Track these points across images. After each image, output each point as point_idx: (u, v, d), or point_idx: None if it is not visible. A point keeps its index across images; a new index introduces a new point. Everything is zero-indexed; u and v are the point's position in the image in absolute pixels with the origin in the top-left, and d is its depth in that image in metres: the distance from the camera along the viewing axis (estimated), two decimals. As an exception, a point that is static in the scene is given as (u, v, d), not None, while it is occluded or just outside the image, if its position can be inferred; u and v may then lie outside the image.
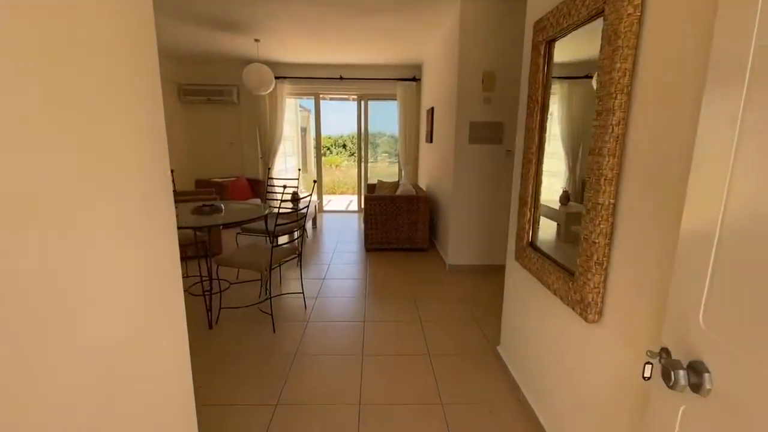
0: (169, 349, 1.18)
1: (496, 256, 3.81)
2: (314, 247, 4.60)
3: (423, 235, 4.36)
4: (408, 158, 6.33)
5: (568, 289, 1.37)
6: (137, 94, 1.02)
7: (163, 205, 1.12)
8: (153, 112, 1.12)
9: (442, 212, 4.20)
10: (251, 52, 5.22)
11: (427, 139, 5.29)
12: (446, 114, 3.99)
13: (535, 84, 1.70)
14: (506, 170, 3.65)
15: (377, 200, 4.26)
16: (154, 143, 1.10)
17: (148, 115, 1.10)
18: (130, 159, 0.96)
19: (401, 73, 6.17)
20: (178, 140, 6.17)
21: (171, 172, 3.14)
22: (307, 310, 2.87)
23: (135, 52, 1.01)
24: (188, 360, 1.29)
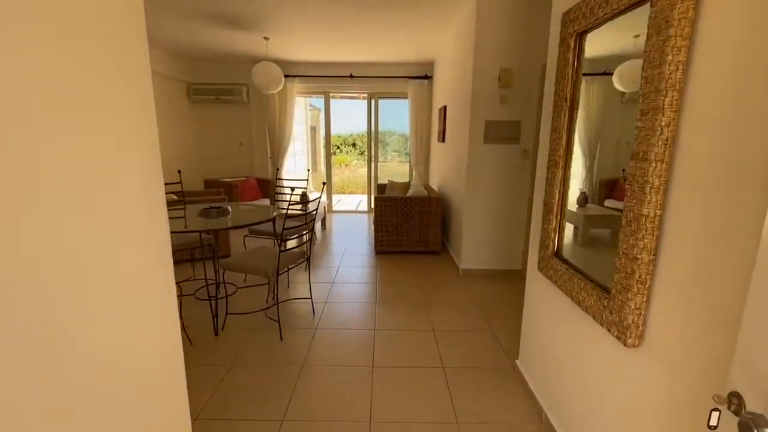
0: (162, 365, 1.08)
1: (512, 261, 3.66)
2: (323, 249, 4.51)
3: (435, 238, 4.23)
4: (419, 158, 6.20)
5: (603, 308, 1.24)
6: (130, 101, 0.94)
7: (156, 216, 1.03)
8: (145, 118, 1.04)
9: (455, 214, 4.07)
10: (260, 50, 5.14)
11: (439, 138, 5.15)
12: (460, 113, 3.85)
13: (563, 80, 1.56)
14: (523, 171, 3.50)
15: (388, 201, 4.14)
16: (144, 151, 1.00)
17: (140, 121, 1.01)
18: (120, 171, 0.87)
19: (413, 71, 6.03)
20: (188, 140, 6.13)
21: (178, 173, 3.06)
22: (315, 316, 2.77)
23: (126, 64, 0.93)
24: (183, 379, 1.18)
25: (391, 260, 4.09)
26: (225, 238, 4.01)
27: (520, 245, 3.63)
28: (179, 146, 5.88)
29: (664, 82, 0.98)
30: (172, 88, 5.68)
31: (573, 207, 1.60)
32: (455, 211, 4.07)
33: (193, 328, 2.55)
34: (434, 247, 4.25)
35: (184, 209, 3.16)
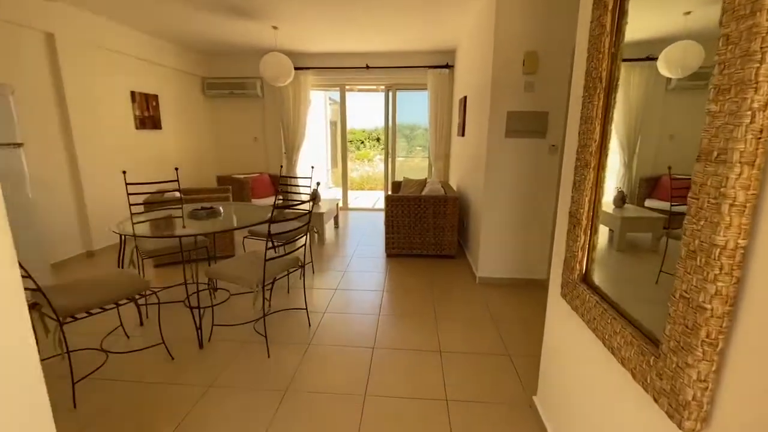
0: None
1: (535, 270, 3.27)
2: (332, 250, 4.27)
3: (450, 241, 3.88)
4: (438, 153, 5.83)
5: (648, 367, 0.89)
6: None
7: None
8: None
9: (473, 216, 3.70)
10: (271, 41, 4.93)
11: (458, 132, 4.76)
12: (479, 103, 3.47)
13: (597, 54, 1.19)
14: (550, 168, 3.09)
15: (399, 201, 3.83)
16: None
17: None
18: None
19: (432, 60, 5.64)
20: (203, 135, 6.06)
21: (175, 170, 2.88)
22: (310, 329, 2.52)
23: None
24: None
25: (402, 264, 3.79)
26: (229, 238, 3.85)
27: (545, 252, 3.22)
28: (195, 142, 5.80)
29: (759, 40, 0.62)
30: (187, 83, 5.59)
31: (608, 208, 1.25)
32: (473, 213, 3.70)
33: (178, 340, 2.37)
34: (449, 251, 3.90)
35: (181, 208, 2.99)
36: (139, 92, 4.61)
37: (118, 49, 4.21)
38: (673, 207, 0.96)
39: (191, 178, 5.72)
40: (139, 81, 4.62)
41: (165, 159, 5.12)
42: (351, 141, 15.95)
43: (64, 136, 3.66)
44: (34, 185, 3.32)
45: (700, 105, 0.75)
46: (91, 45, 3.88)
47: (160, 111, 4.98)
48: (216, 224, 2.47)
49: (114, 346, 2.30)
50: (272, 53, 4.27)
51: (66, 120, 3.65)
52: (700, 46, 0.89)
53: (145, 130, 4.74)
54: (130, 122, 4.51)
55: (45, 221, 3.43)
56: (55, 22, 3.48)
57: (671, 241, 0.99)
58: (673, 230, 0.98)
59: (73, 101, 3.67)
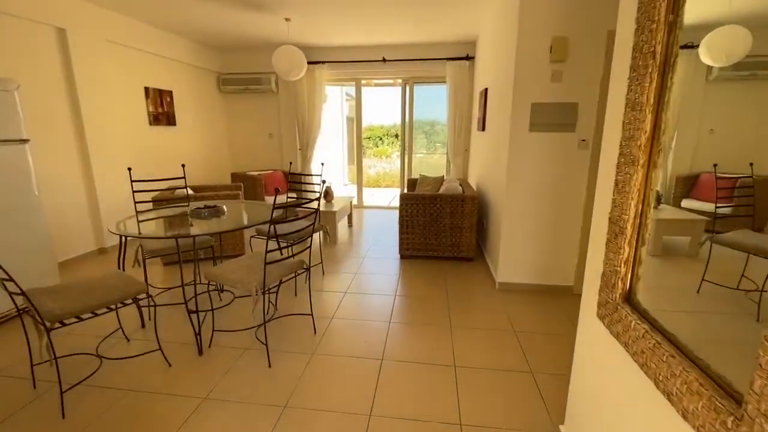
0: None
1: (562, 275, 3.01)
2: (344, 250, 4.11)
3: (468, 243, 3.65)
4: (457, 150, 5.58)
5: (724, 430, 0.67)
6: None
7: None
8: None
9: (494, 216, 3.46)
10: (285, 34, 4.80)
11: (479, 126, 4.51)
12: (501, 95, 3.22)
13: (649, 24, 0.96)
14: (580, 165, 2.82)
15: (414, 200, 3.63)
16: None
17: None
18: None
19: (452, 52, 5.39)
20: (218, 131, 6.02)
21: (182, 167, 2.78)
22: (316, 337, 2.37)
23: None
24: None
25: (416, 266, 3.59)
26: (238, 237, 3.75)
27: (573, 257, 2.96)
28: (209, 138, 5.77)
29: None
30: (202, 79, 5.55)
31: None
32: (494, 213, 3.46)
33: (178, 344, 2.26)
34: (467, 253, 3.68)
35: (188, 206, 2.89)
36: (153, 88, 4.57)
37: (131, 45, 4.17)
38: (719, 209, 0.88)
39: (205, 175, 5.69)
40: (153, 77, 4.58)
41: (179, 156, 5.09)
42: (369, 137, 15.78)
43: (76, 133, 3.64)
44: (43, 182, 3.30)
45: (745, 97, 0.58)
46: (104, 40, 3.84)
47: (174, 107, 4.94)
48: (215, 225, 2.35)
49: (111, 350, 2.21)
50: (284, 46, 4.13)
51: (78, 116, 3.62)
52: (749, 31, 0.79)
53: (159, 126, 4.71)
54: (143, 118, 4.48)
55: (55, 218, 3.41)
56: (66, 17, 3.45)
57: (716, 246, 0.88)
58: (718, 234, 0.88)
59: (85, 97, 3.65)
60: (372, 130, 15.77)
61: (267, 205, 2.98)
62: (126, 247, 2.41)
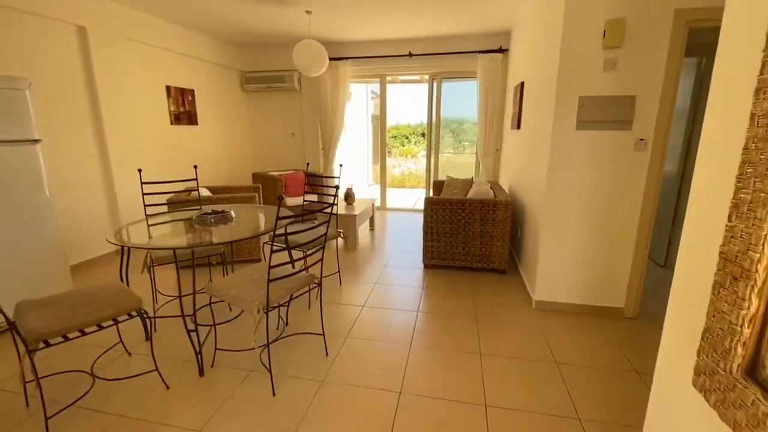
0: None
1: (611, 296, 2.62)
2: (364, 257, 3.85)
3: (501, 253, 3.30)
4: (488, 149, 5.20)
5: None
6: None
7: None
8: None
9: (530, 223, 3.10)
10: (306, 29, 4.60)
11: (512, 125, 4.13)
12: (541, 89, 2.85)
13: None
14: (635, 169, 2.42)
15: (440, 205, 3.32)
16: None
17: None
18: None
19: (483, 44, 5.01)
20: (241, 131, 5.94)
21: (194, 168, 2.61)
22: (327, 360, 2.12)
23: None
24: None
25: (442, 278, 3.29)
26: (254, 241, 3.58)
27: (624, 275, 2.56)
28: (232, 138, 5.68)
29: None
30: (225, 77, 5.46)
31: None
32: (530, 220, 3.10)
33: (180, 361, 2.08)
34: (499, 264, 3.33)
35: (200, 209, 2.73)
36: (175, 87, 4.50)
37: (151, 43, 4.10)
38: None
39: (228, 175, 5.60)
40: (175, 75, 4.50)
41: (201, 155, 5.01)
42: (395, 137, 15.51)
43: (95, 132, 3.58)
44: (61, 182, 3.26)
45: None
46: (124, 38, 3.77)
47: (196, 106, 4.87)
48: (221, 232, 2.14)
49: (109, 366, 2.06)
50: (304, 40, 3.92)
51: (98, 115, 3.56)
52: None
53: (180, 126, 4.64)
54: (165, 117, 4.41)
55: (72, 219, 3.36)
56: (86, 15, 3.38)
57: None
58: None
59: (105, 96, 3.58)
60: (398, 129, 15.49)
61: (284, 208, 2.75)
62: (129, 254, 2.26)
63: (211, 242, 1.99)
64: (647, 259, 2.56)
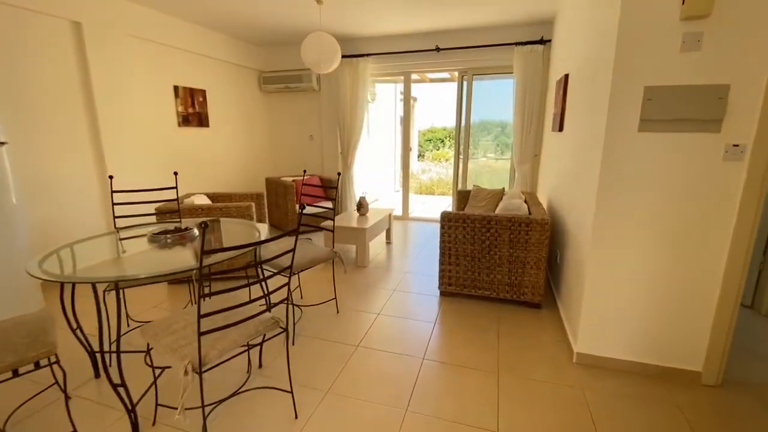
0: None
1: (681, 354, 1.95)
2: (372, 277, 3.37)
3: (534, 283, 2.69)
4: (524, 155, 4.54)
5: None
6: None
7: None
8: None
9: (573, 249, 2.47)
10: (319, 22, 4.21)
11: (554, 126, 3.48)
12: (593, 78, 2.23)
13: None
14: (724, 186, 1.75)
15: (459, 221, 2.76)
16: None
17: None
18: None
19: (521, 35, 4.39)
20: (259, 133, 5.69)
21: (174, 175, 2.21)
22: (294, 426, 1.66)
23: None
24: None
25: (460, 310, 2.73)
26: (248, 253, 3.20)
27: (704, 328, 1.89)
28: (246, 140, 5.43)
29: None
30: (241, 77, 5.21)
31: None
32: (573, 244, 2.47)
33: (120, 414, 1.70)
34: (532, 297, 2.72)
35: (179, 222, 2.38)
36: (184, 87, 4.27)
37: (157, 40, 3.88)
38: None
39: (242, 179, 5.35)
40: (184, 75, 4.28)
41: (212, 159, 4.77)
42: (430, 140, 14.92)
43: (91, 135, 3.37)
44: (48, 186, 3.05)
45: None
46: (125, 35, 3.56)
47: (208, 107, 4.63)
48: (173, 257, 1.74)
49: (26, 422, 1.71)
50: (313, 33, 3.52)
51: (93, 116, 3.36)
52: None
53: (189, 128, 4.41)
54: (171, 119, 4.19)
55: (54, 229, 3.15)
56: (83, 10, 3.18)
57: None
58: None
59: (101, 96, 3.37)
60: (434, 132, 14.90)
61: (257, 228, 2.32)
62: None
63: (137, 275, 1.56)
64: (737, 307, 1.87)
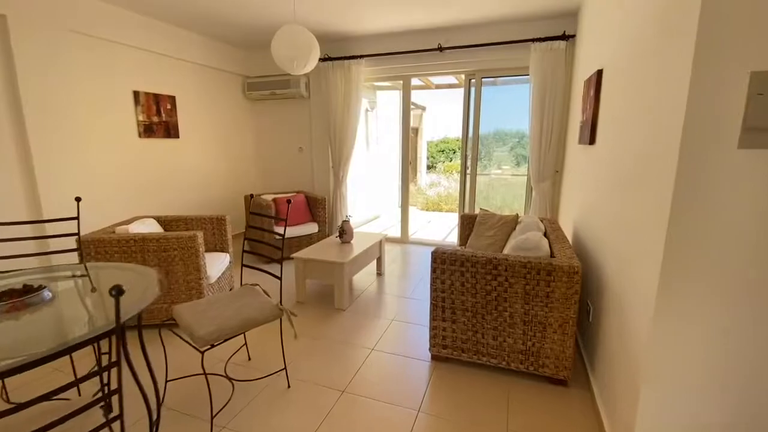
0: None
1: None
2: (350, 325, 2.67)
3: (559, 353, 1.95)
4: (544, 171, 3.82)
5: None
6: None
7: None
8: None
9: (616, 311, 1.72)
10: (303, 17, 3.62)
11: (582, 137, 2.76)
12: (645, 71, 1.52)
13: None
14: None
15: (456, 262, 2.06)
16: None
17: None
18: None
19: (539, 30, 3.71)
20: (242, 145, 5.13)
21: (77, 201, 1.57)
22: None
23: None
24: None
25: (456, 385, 2.01)
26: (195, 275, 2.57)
27: None
28: (229, 153, 4.87)
29: None
30: (224, 83, 4.69)
31: None
32: (616, 303, 1.73)
33: None
34: (556, 370, 1.97)
35: (86, 274, 1.75)
36: (146, 92, 3.73)
37: (110, 38, 3.35)
38: None
39: (220, 198, 4.77)
40: (147, 79, 3.74)
41: (181, 176, 4.21)
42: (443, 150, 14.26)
43: (18, 150, 2.83)
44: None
45: None
46: (66, 31, 3.03)
47: (177, 116, 4.09)
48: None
49: None
50: (284, 26, 2.92)
51: (22, 128, 2.81)
52: None
53: (153, 139, 3.86)
54: (131, 129, 3.64)
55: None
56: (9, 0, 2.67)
57: None
58: None
59: (32, 103, 2.84)
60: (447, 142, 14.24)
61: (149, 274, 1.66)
62: None
63: None
64: None
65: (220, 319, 1.71)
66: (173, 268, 2.52)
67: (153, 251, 2.48)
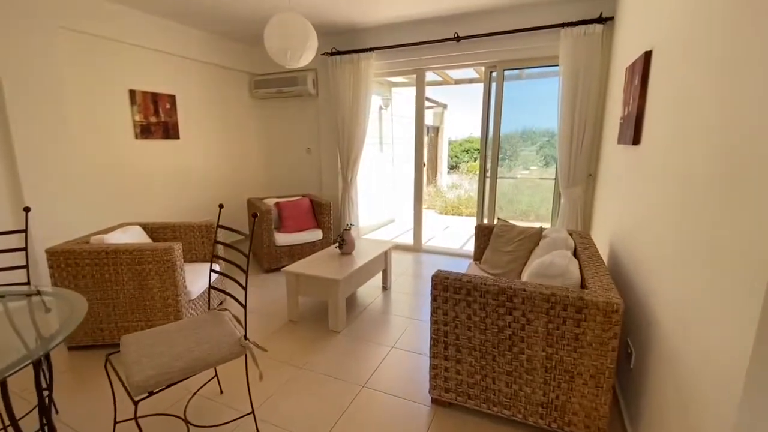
0: None
1: None
2: (343, 353, 2.33)
3: (591, 409, 1.53)
4: (575, 175, 3.34)
5: None
6: None
7: None
8: None
9: (671, 361, 1.29)
10: (306, 10, 3.31)
11: (622, 136, 2.29)
12: (721, 48, 1.09)
13: None
14: None
15: (461, 290, 1.68)
16: None
17: None
18: None
19: (572, 13, 3.24)
20: (248, 146, 4.92)
21: (25, 211, 1.33)
22: None
23: None
24: None
25: (459, 443, 1.63)
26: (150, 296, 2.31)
27: None
28: (234, 155, 4.67)
29: None
30: (230, 82, 4.50)
31: None
32: (673, 353, 1.29)
33: None
34: (586, 429, 1.56)
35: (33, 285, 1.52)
36: (143, 91, 3.55)
37: (105, 35, 3.17)
38: None
39: (222, 201, 4.56)
40: (144, 77, 3.56)
41: (181, 178, 4.03)
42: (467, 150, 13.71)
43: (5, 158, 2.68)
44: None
45: None
46: (55, 27, 2.87)
47: (177, 116, 3.89)
48: None
49: None
50: (276, 15, 2.62)
51: (6, 132, 2.66)
52: None
53: (151, 141, 3.68)
54: (126, 130, 3.47)
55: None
56: (-11, -7, 2.52)
57: None
58: None
59: (17, 103, 2.67)
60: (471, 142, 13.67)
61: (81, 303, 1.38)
62: None
63: None
64: None
65: (165, 357, 1.41)
66: (148, 284, 2.27)
67: (126, 264, 2.24)
